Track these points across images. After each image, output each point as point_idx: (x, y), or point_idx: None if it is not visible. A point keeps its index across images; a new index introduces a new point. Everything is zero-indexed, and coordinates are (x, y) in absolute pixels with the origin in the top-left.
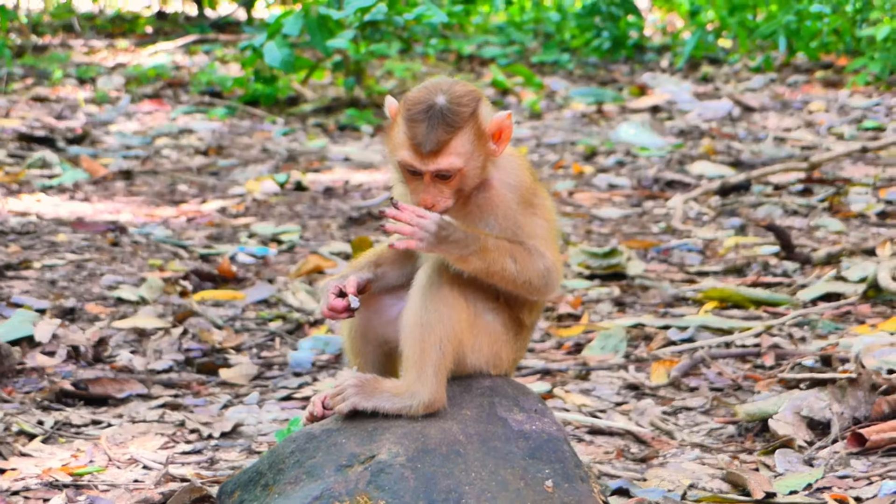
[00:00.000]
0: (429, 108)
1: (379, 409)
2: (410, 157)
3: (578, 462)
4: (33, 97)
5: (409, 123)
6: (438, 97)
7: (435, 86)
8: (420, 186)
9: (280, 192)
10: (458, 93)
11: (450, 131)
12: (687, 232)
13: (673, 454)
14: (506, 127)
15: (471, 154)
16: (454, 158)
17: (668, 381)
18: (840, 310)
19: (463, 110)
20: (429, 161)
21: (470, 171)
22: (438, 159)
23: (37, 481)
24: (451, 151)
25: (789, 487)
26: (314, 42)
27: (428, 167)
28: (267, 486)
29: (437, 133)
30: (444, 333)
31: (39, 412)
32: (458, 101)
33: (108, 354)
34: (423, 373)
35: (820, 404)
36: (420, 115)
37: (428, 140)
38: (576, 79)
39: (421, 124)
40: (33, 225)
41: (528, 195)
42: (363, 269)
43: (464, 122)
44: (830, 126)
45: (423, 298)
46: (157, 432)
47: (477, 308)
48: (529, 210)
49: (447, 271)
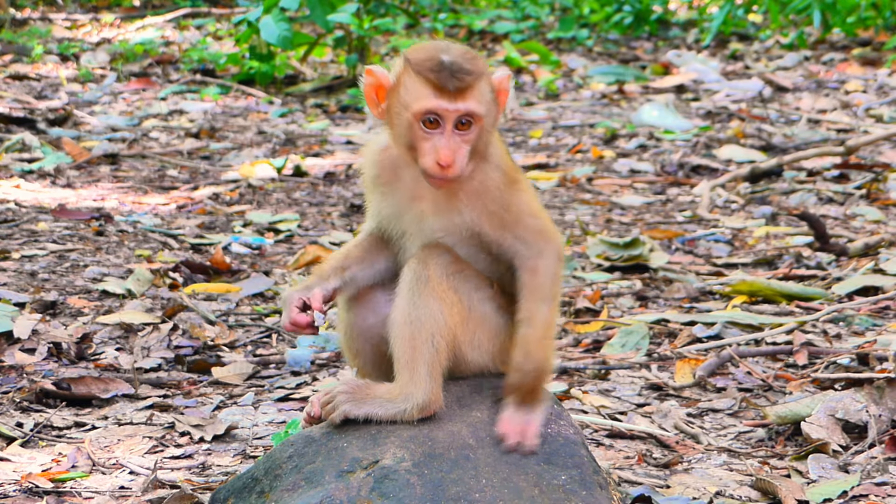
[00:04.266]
0: (442, 60)
1: (371, 416)
2: (435, 100)
3: (597, 468)
4: (11, 75)
5: (424, 73)
6: (446, 54)
7: (437, 45)
8: (437, 142)
9: (277, 177)
10: (462, 49)
11: (472, 74)
12: (714, 221)
13: (698, 459)
14: (506, 88)
15: (489, 105)
16: (479, 103)
17: (693, 382)
18: (878, 305)
19: (476, 61)
20: (456, 100)
21: (487, 124)
22: (467, 98)
23: (15, 488)
24: (476, 95)
25: (823, 495)
26: (314, 16)
27: (456, 105)
28: (263, 492)
29: (459, 76)
30: (435, 328)
31: (18, 414)
32: (468, 55)
33: (92, 352)
34: (415, 373)
35: (856, 406)
36: (436, 66)
37: (452, 80)
38: (595, 56)
39: (441, 71)
40: (12, 213)
41: (511, 173)
42: (329, 278)
43: (482, 71)
44: (868, 107)
45: (410, 294)
46: (144, 435)
47: (471, 299)
48: (514, 187)
49: (433, 263)
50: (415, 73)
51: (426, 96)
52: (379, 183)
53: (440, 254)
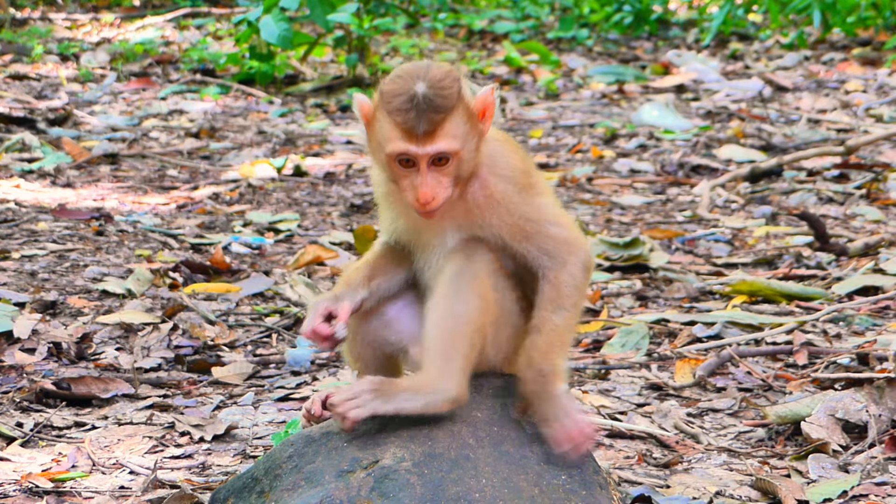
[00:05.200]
0: (412, 97)
1: (401, 410)
2: (404, 144)
3: (597, 468)
4: (11, 75)
5: (394, 114)
6: (418, 84)
7: (411, 73)
8: (414, 180)
9: (277, 177)
10: (437, 76)
11: (441, 113)
12: (714, 221)
13: (698, 459)
14: (489, 103)
15: (466, 135)
16: (451, 140)
17: (693, 381)
18: (878, 305)
19: (448, 93)
20: (425, 143)
21: (466, 153)
22: (436, 141)
23: (15, 488)
24: (447, 133)
25: (823, 495)
26: (314, 16)
27: (426, 150)
28: (262, 492)
29: (428, 116)
30: (475, 324)
31: (18, 413)
32: (440, 85)
33: (92, 352)
34: (448, 367)
35: (856, 406)
36: (405, 104)
37: (420, 123)
38: (595, 56)
39: (409, 112)
40: (12, 212)
41: (524, 179)
42: (359, 288)
43: (453, 104)
44: (868, 107)
45: (454, 288)
46: (144, 435)
47: (504, 299)
48: (531, 193)
49: (478, 259)
50: (386, 111)
51: (396, 139)
52: (391, 201)
53: (484, 251)
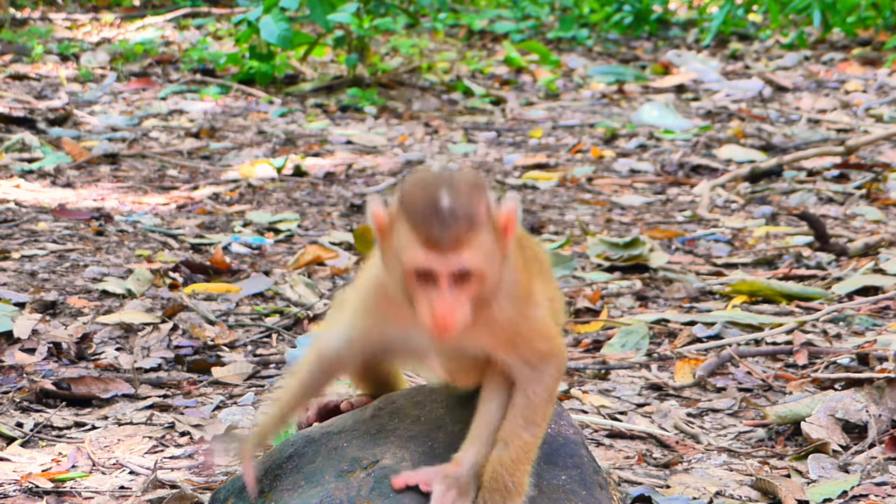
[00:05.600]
0: (437, 207)
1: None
2: (425, 257)
3: (597, 468)
4: (11, 75)
5: (416, 223)
6: (443, 193)
7: (435, 182)
8: (432, 295)
9: (277, 177)
10: (463, 186)
11: (469, 223)
12: (714, 221)
13: (698, 459)
14: (513, 219)
15: (492, 254)
16: (477, 254)
17: (693, 381)
18: (878, 305)
19: (476, 203)
20: (450, 257)
21: (490, 271)
22: (461, 255)
23: (15, 488)
24: (474, 245)
25: (823, 495)
26: (314, 16)
27: (450, 263)
28: (262, 492)
29: (454, 228)
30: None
31: (18, 414)
32: (468, 194)
33: (92, 352)
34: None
35: (856, 406)
36: (429, 213)
37: (445, 235)
38: (595, 56)
39: (432, 222)
40: (11, 212)
41: (525, 285)
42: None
43: (481, 214)
44: (868, 107)
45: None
46: (144, 435)
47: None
48: (527, 304)
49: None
50: (406, 220)
51: (416, 251)
52: (378, 314)
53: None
